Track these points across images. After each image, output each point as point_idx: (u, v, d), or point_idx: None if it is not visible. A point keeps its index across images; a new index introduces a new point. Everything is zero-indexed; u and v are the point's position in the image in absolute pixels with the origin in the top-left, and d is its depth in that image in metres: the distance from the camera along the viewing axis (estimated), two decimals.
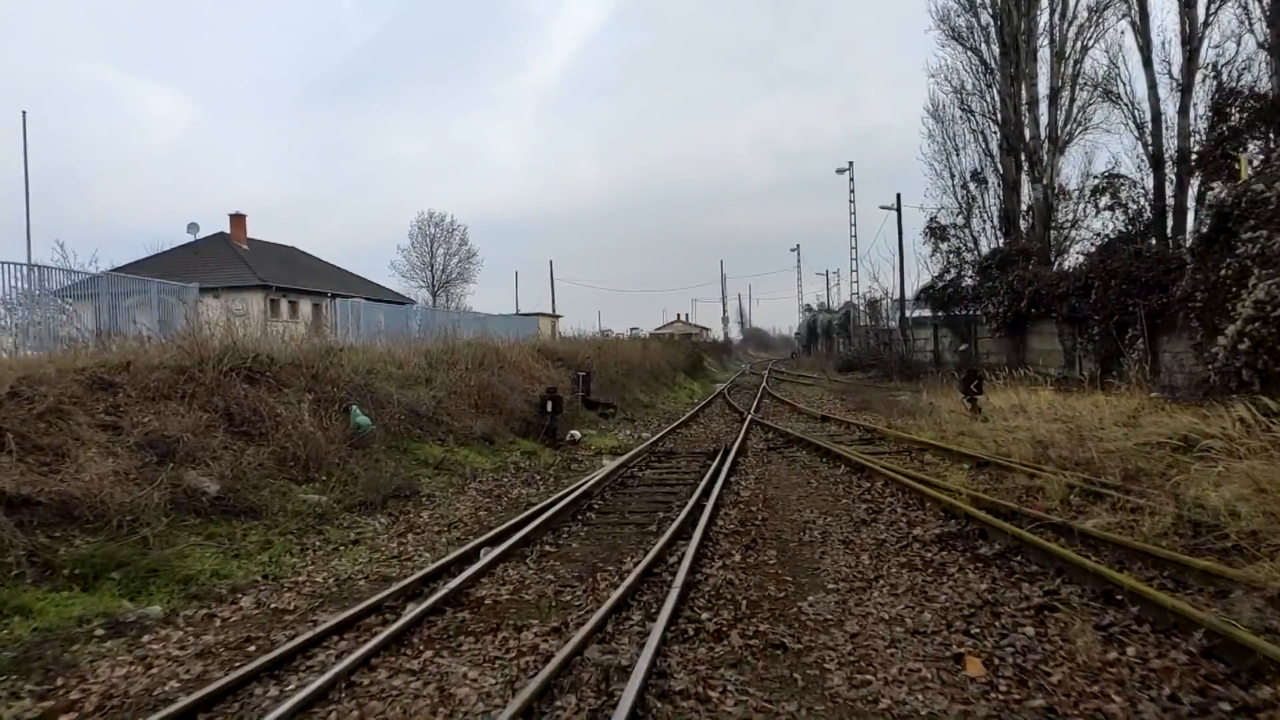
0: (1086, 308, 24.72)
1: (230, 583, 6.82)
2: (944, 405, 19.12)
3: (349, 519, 8.69)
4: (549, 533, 8.68)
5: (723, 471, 11.85)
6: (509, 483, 11.51)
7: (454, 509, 9.70)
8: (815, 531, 8.38)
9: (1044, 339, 28.09)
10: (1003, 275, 29.19)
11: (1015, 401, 18.08)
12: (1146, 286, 22.54)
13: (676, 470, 13.10)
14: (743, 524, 8.82)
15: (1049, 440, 12.95)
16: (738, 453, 14.31)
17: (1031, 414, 16.15)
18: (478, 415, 13.90)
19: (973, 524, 7.94)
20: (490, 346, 17.90)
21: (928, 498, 9.23)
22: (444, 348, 16.17)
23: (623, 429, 19.18)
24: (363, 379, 11.99)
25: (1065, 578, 6.18)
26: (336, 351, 12.43)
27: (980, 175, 33.00)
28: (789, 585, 6.61)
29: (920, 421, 17.27)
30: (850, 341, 51.02)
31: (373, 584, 6.96)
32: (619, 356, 25.73)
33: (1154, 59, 24.96)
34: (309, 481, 9.14)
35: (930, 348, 36.20)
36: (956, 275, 33.26)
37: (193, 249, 43.36)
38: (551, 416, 15.66)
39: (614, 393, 22.28)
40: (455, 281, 63.98)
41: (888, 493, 10.12)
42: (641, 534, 8.61)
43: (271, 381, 10.32)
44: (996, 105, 31.55)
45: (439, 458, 11.55)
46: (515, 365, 17.54)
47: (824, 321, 63.95)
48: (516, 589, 6.63)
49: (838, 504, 9.74)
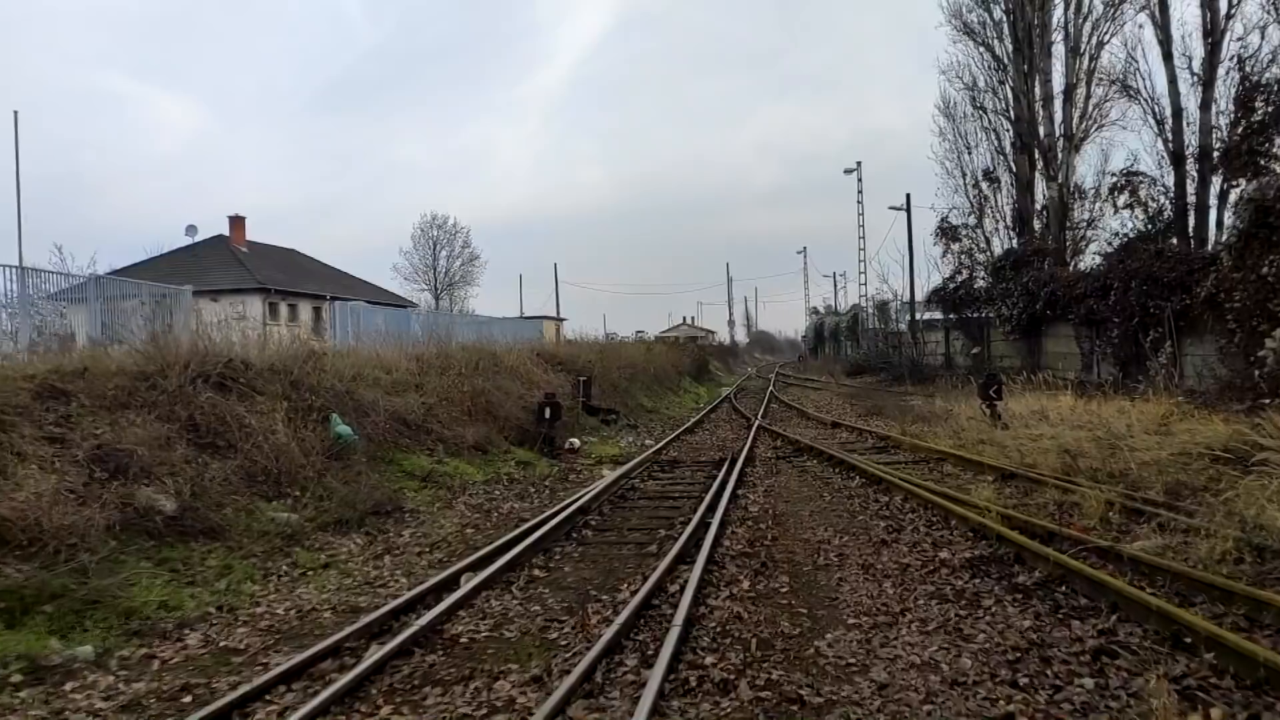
0: (1105, 309, 23.91)
1: (179, 616, 6.10)
2: (961, 411, 18.34)
3: (321, 539, 7.97)
4: (539, 554, 7.95)
5: (729, 483, 11.10)
6: (501, 496, 10.78)
7: (439, 526, 8.96)
8: (831, 553, 7.63)
9: (1060, 342, 27.28)
10: (1017, 276, 28.39)
11: (1035, 407, 17.30)
12: (1169, 287, 21.72)
13: (680, 482, 12.36)
14: (751, 544, 8.07)
15: (1077, 449, 12.18)
16: (745, 462, 13.57)
17: (1054, 420, 15.37)
18: (470, 423, 13.18)
19: (1006, 547, 7.17)
20: (486, 350, 17.19)
21: (953, 515, 8.47)
22: (437, 352, 15.46)
23: (625, 436, 18.44)
24: (346, 385, 11.28)
25: (1121, 615, 5.41)
26: (319, 356, 11.73)
27: (992, 174, 32.21)
28: (804, 619, 5.86)
29: (936, 428, 16.50)
30: (858, 344, 50.21)
31: (339, 616, 6.23)
32: (622, 360, 25.00)
33: (1174, 53, 24.13)
34: (280, 498, 8.42)
35: (941, 351, 35.41)
36: (968, 276, 32.46)
37: (191, 252, 42.78)
38: (549, 424, 14.94)
39: (616, 398, 21.55)
40: (458, 285, 63.41)
41: (908, 508, 9.36)
42: (641, 556, 7.87)
43: (245, 389, 9.62)
44: (1009, 102, 30.76)
45: (427, 469, 10.82)
46: (513, 370, 16.82)
47: (831, 324, 63.14)
48: (498, 624, 5.89)
49: (854, 521, 8.98)
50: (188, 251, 42.95)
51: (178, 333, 21.07)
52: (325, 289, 43.44)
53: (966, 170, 32.61)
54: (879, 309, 44.97)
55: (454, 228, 64.20)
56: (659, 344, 38.50)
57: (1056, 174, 29.24)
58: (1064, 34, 28.87)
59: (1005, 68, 30.29)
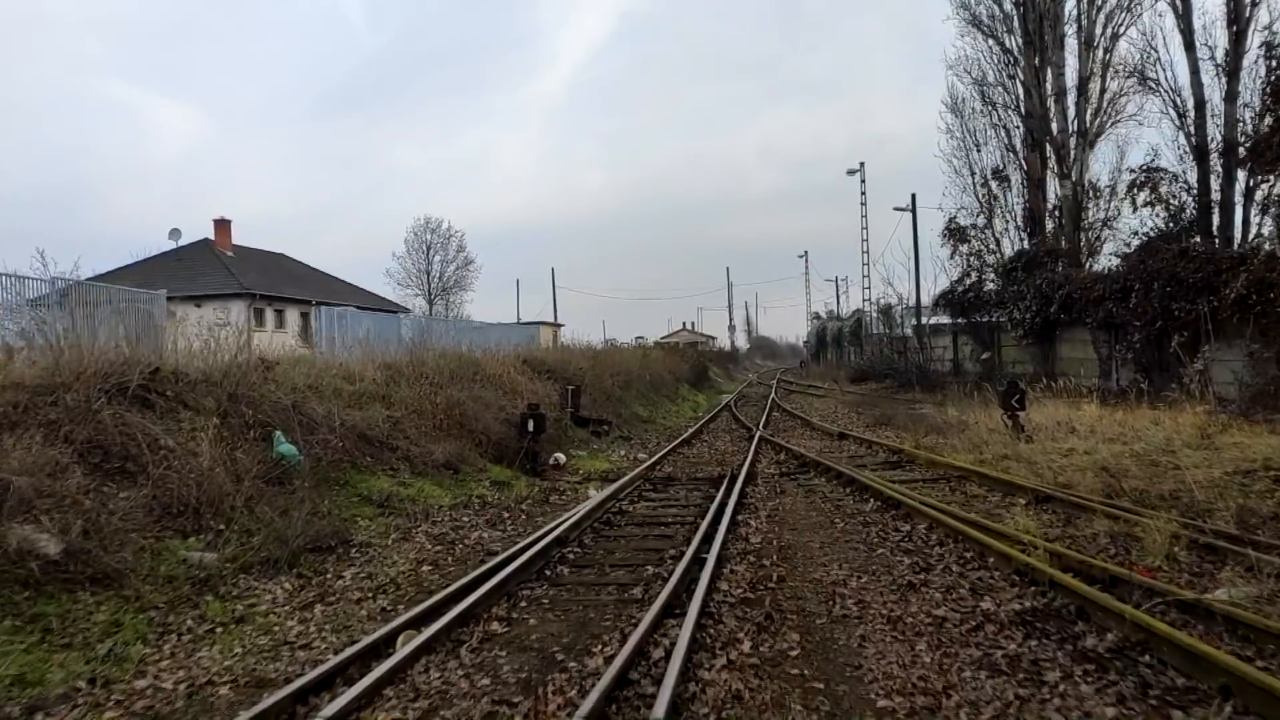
0: (1125, 313, 22.67)
1: (34, 694, 4.85)
2: (977, 421, 17.09)
3: (243, 584, 6.71)
4: (503, 600, 6.70)
5: (728, 506, 9.86)
6: (469, 524, 9.51)
7: (389, 564, 7.70)
8: (849, 600, 6.37)
9: (1075, 347, 26.03)
10: (1029, 278, 27.16)
11: (1058, 417, 16.06)
12: (1194, 289, 20.49)
13: (674, 503, 11.11)
14: (753, 587, 6.82)
15: (1116, 467, 10.93)
16: (746, 480, 12.32)
17: (1082, 432, 14.12)
18: (443, 438, 11.93)
19: (1064, 596, 5.92)
20: (467, 357, 15.94)
21: (990, 550, 7.21)
22: (410, 359, 14.22)
23: (617, 449, 17.19)
24: (298, 397, 10.03)
25: (1239, 705, 4.16)
26: (270, 364, 10.49)
27: (1002, 173, 30.97)
28: (821, 699, 4.62)
29: (952, 440, 15.25)
30: (862, 350, 48.95)
31: (238, 693, 4.97)
32: (616, 367, 23.75)
33: (1196, 42, 22.92)
34: (198, 533, 7.17)
35: (949, 356, 34.15)
36: (978, 279, 31.22)
37: (175, 256, 41.54)
38: (532, 437, 13.68)
39: (609, 407, 20.29)
40: (452, 290, 62.17)
41: (934, 540, 8.10)
42: (622, 603, 6.62)
43: (172, 403, 8.38)
44: (1020, 97, 29.54)
45: (386, 492, 9.56)
46: (495, 379, 15.58)
47: (834, 329, 61.87)
48: (432, 708, 4.64)
49: (872, 555, 7.72)
50: (172, 255, 41.71)
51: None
52: (314, 294, 42.25)
53: (975, 168, 31.39)
54: (883, 313, 43.74)
55: (448, 231, 63.05)
56: (656, 350, 37.19)
57: (1070, 171, 28.01)
58: (1077, 26, 27.68)
59: (1016, 61, 29.08)
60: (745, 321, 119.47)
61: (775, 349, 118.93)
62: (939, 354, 34.97)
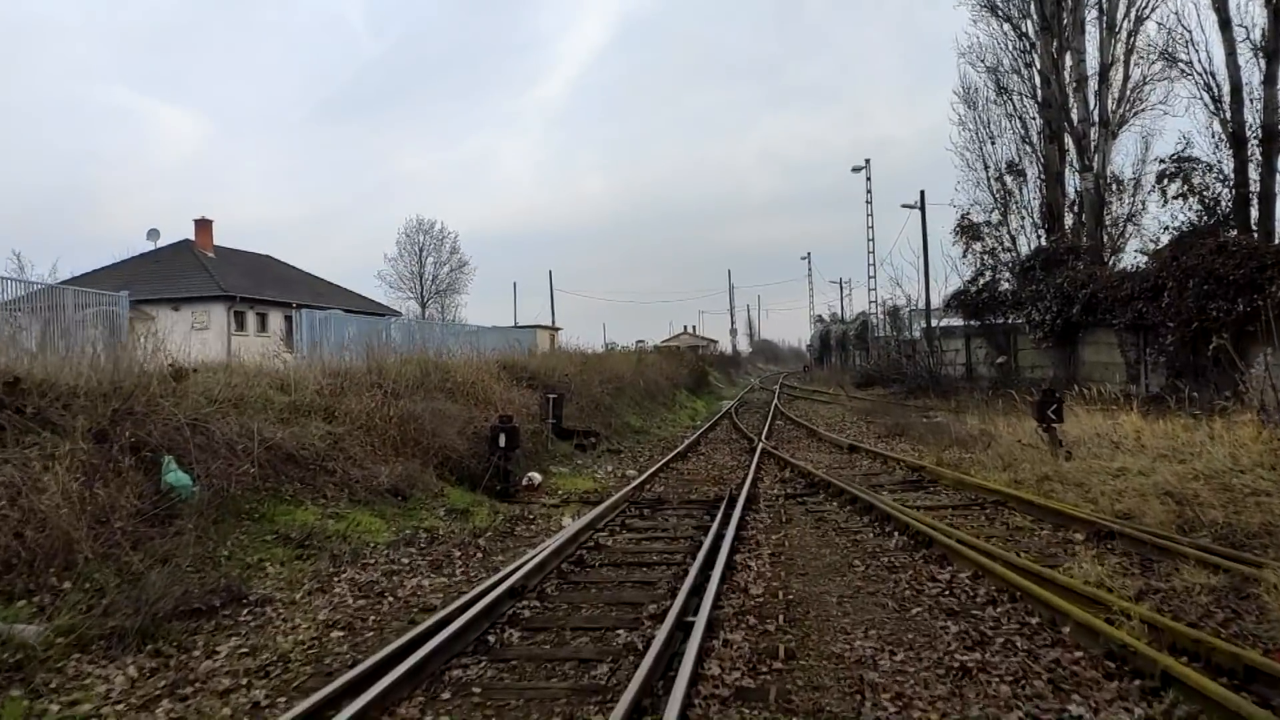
0: (1157, 313, 20.99)
1: None
2: (1002, 432, 15.43)
3: (73, 668, 5.04)
4: (421, 686, 5.05)
5: (725, 541, 8.20)
6: (408, 567, 7.83)
7: (288, 630, 6.03)
8: (883, 695, 4.69)
9: (1100, 350, 24.34)
10: (1049, 277, 25.49)
11: (1094, 428, 14.36)
12: (1234, 287, 18.81)
13: (662, 534, 9.45)
14: (753, 669, 5.15)
15: (1182, 492, 9.24)
16: (746, 503, 10.67)
17: (1128, 447, 12.43)
18: (394, 457, 10.26)
19: (1186, 699, 4.24)
20: (435, 363, 14.28)
21: (1062, 614, 5.53)
22: (368, 365, 12.56)
23: (604, 464, 15.52)
24: (214, 411, 8.36)
25: None
26: (184, 372, 8.83)
27: (1017, 166, 29.33)
28: None
29: (979, 455, 13.57)
30: (868, 354, 47.25)
31: None
32: (608, 373, 22.07)
33: (1232, 20, 21.27)
34: (33, 595, 5.51)
35: (962, 360, 32.44)
36: (992, 278, 29.57)
37: (154, 258, 39.96)
38: (503, 454, 12.02)
39: (598, 417, 18.63)
40: (446, 293, 60.55)
41: (983, 594, 6.41)
42: (578, 694, 4.95)
43: (28, 422, 6.73)
44: (1037, 86, 27.91)
45: (308, 528, 7.89)
46: (467, 387, 13.92)
47: (838, 332, 60.20)
48: None
49: (906, 618, 6.04)
50: (151, 257, 40.13)
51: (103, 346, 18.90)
52: (301, 297, 40.58)
53: (989, 162, 29.75)
54: (889, 315, 42.05)
55: (441, 233, 61.40)
56: (651, 354, 35.48)
57: (1091, 163, 26.34)
58: (1099, 9, 26.04)
59: (1033, 47, 27.45)
60: (747, 325, 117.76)
61: (778, 353, 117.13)
62: (950, 358, 33.27)
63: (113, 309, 20.67)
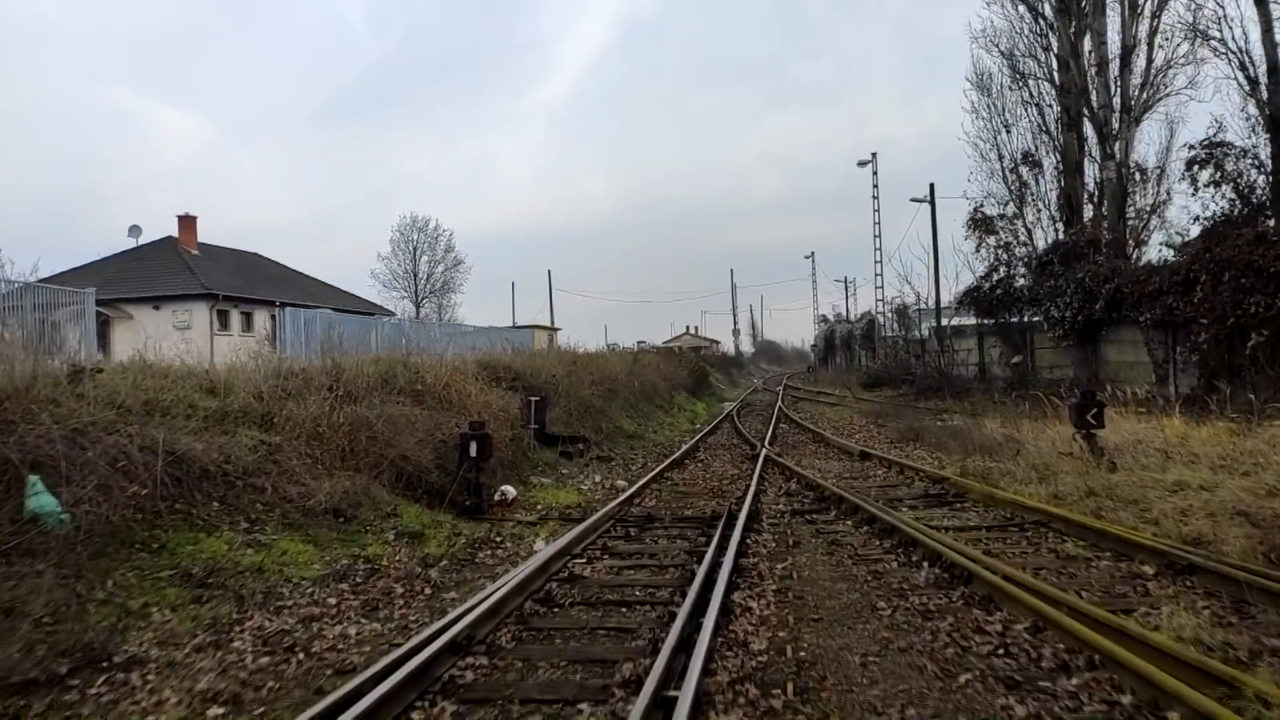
0: (1188, 309, 19.54)
1: None
2: (1030, 438, 14.04)
3: None
4: None
5: (722, 573, 6.86)
6: (335, 609, 6.45)
7: (149, 707, 4.65)
8: None
9: (1125, 349, 22.90)
10: (1068, 272, 24.07)
11: (1132, 433, 12.95)
12: (1276, 279, 17.40)
13: (648, 563, 8.08)
14: None
15: (1258, 512, 7.85)
16: (748, 521, 9.32)
17: (1179, 456, 11.02)
18: (340, 470, 8.88)
19: None
20: (405, 362, 12.90)
21: (1167, 693, 4.14)
22: (323, 365, 11.19)
23: (592, 474, 14.14)
24: (92, 420, 6.98)
25: None
26: (85, 371, 7.47)
27: (1033, 156, 27.90)
28: None
29: (1007, 464, 12.15)
30: (874, 354, 45.83)
31: None
32: (599, 374, 20.69)
33: None
34: None
35: (974, 360, 31.01)
36: (1007, 274, 28.10)
37: (135, 255, 38.68)
38: (475, 465, 10.66)
39: (588, 421, 17.26)
40: (440, 292, 59.18)
41: (1050, 656, 5.01)
42: None
43: None
44: (1055, 70, 26.48)
45: (216, 561, 6.52)
46: (438, 390, 12.54)
47: (843, 332, 58.79)
48: None
49: (953, 689, 4.66)
50: (133, 255, 38.84)
51: None
52: (290, 296, 39.25)
53: (1004, 152, 28.31)
54: (897, 314, 40.60)
55: (435, 231, 60.03)
56: (649, 354, 34.04)
57: (1113, 151, 24.92)
58: None
59: (1051, 29, 26.03)
60: (750, 325, 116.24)
61: (781, 353, 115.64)
62: (962, 358, 31.84)
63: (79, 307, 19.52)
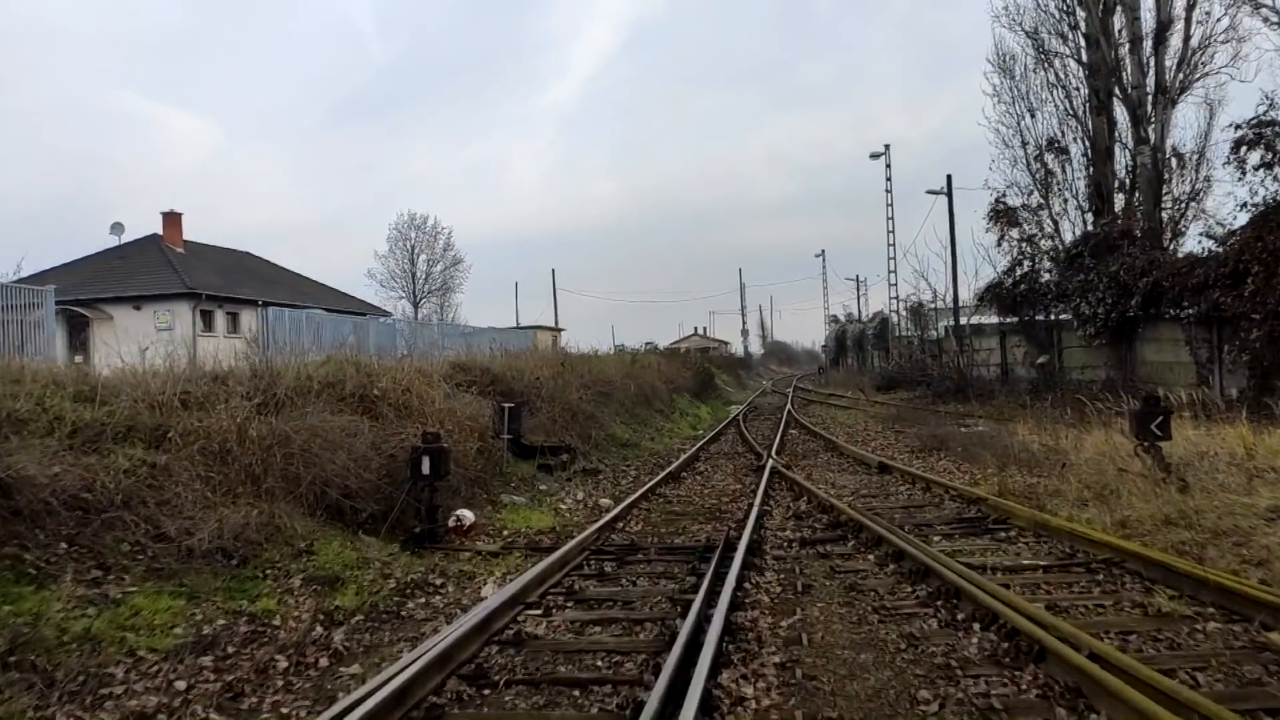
0: (1238, 303, 17.74)
1: None
2: (1068, 446, 12.33)
3: None
4: None
5: (710, 633, 5.21)
6: (183, 698, 4.79)
7: None
8: None
9: (1163, 347, 21.08)
10: (1099, 265, 22.25)
11: (1193, 443, 11.20)
12: None
13: (619, 615, 6.40)
14: None
15: None
16: (747, 557, 7.66)
17: (1263, 473, 9.27)
18: (244, 496, 7.24)
19: None
20: (357, 363, 11.26)
21: None
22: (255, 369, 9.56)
23: (574, 490, 12.47)
24: None
25: None
26: None
27: (1059, 143, 26.04)
28: None
29: (1054, 481, 10.43)
30: (888, 354, 44.01)
31: None
32: (590, 376, 19.03)
33: None
34: None
35: (996, 360, 29.20)
36: (1031, 268, 26.29)
37: (118, 254, 37.24)
38: (428, 484, 9.01)
39: (576, 428, 15.58)
40: (440, 291, 57.61)
41: None
42: None
43: None
44: (1083, 49, 24.66)
45: (32, 628, 4.88)
46: (395, 396, 10.90)
47: (855, 332, 56.94)
48: None
49: None
50: (116, 253, 37.41)
51: None
52: (279, 296, 37.78)
53: (1028, 138, 26.44)
54: (912, 312, 38.80)
55: (434, 229, 58.37)
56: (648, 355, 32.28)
57: (1147, 135, 23.12)
58: None
59: (1081, 4, 24.21)
60: (759, 326, 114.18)
61: (791, 354, 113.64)
62: (983, 358, 30.05)
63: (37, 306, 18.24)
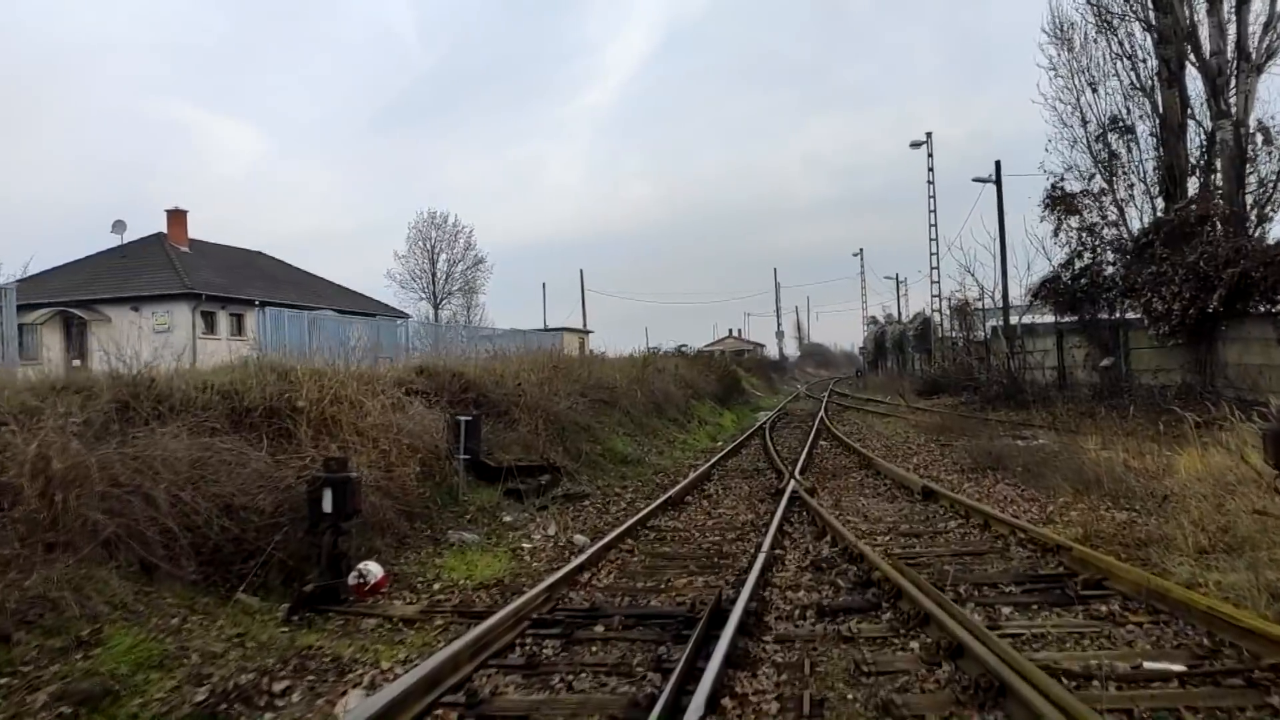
0: None
1: None
2: (1154, 467, 9.89)
3: None
4: None
5: None
6: None
7: None
8: None
9: (1251, 348, 18.33)
10: (1174, 255, 19.57)
11: None
12: None
13: None
14: None
15: None
16: (742, 627, 5.42)
17: None
18: (25, 554, 5.15)
19: None
20: (276, 367, 9.18)
21: None
22: (121, 378, 7.51)
23: (547, 522, 10.24)
24: None
25: None
26: None
27: (1124, 121, 23.32)
28: None
29: (1153, 519, 7.99)
30: (930, 357, 41.23)
31: None
32: (591, 381, 16.79)
33: None
34: None
35: (1051, 363, 26.47)
36: (1093, 260, 23.61)
37: (120, 253, 35.94)
38: (330, 527, 6.87)
39: (564, 443, 13.36)
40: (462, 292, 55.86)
41: None
42: None
43: None
44: (1151, 14, 21.94)
45: None
46: (319, 411, 8.79)
47: (895, 334, 54.07)
48: None
49: None
50: (118, 253, 36.11)
51: None
52: (287, 297, 36.22)
53: (1088, 115, 23.78)
54: (956, 312, 36.02)
55: (454, 228, 56.70)
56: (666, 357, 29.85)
57: (1229, 108, 20.36)
58: None
59: None
60: (795, 328, 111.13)
61: (829, 357, 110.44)
62: (1036, 360, 27.33)
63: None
